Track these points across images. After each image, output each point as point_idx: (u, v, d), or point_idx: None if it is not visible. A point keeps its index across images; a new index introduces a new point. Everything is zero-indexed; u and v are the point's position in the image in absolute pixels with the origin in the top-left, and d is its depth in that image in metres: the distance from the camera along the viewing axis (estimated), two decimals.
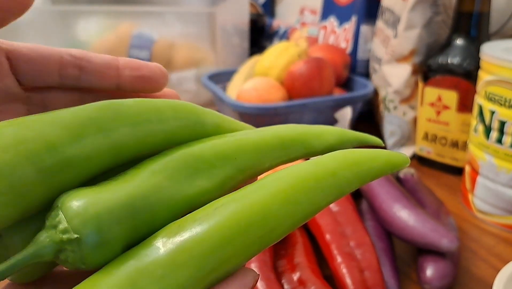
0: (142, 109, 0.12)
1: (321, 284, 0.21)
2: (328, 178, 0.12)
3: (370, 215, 0.29)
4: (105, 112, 0.11)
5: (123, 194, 0.10)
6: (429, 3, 0.38)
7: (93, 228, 0.09)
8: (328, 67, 0.43)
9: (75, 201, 0.09)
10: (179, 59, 0.53)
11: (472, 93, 0.35)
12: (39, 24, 0.55)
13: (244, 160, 0.12)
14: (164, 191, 0.11)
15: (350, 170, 0.12)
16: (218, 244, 0.10)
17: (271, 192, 0.11)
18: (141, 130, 0.11)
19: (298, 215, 0.11)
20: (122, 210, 0.10)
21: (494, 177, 0.31)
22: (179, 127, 0.12)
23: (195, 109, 0.14)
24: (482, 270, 0.27)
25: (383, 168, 0.13)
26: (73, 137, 0.10)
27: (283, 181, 0.11)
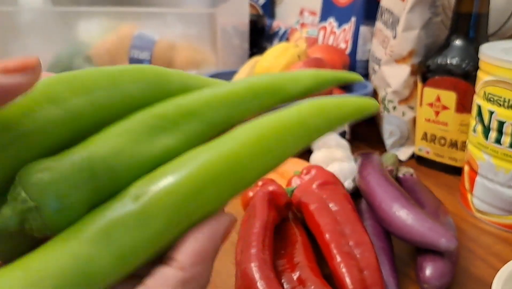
0: (95, 76, 0.11)
1: (321, 283, 0.21)
2: (297, 126, 0.12)
3: (369, 215, 0.29)
4: (57, 84, 0.11)
5: (79, 159, 0.10)
6: (428, 4, 0.38)
7: (50, 195, 0.09)
8: (327, 68, 0.43)
9: (32, 171, 0.10)
10: (179, 60, 0.53)
11: (471, 93, 0.35)
12: (40, 25, 0.55)
13: (213, 114, 0.12)
14: (124, 152, 0.11)
15: (319, 117, 0.12)
16: (189, 193, 0.10)
17: (240, 141, 0.11)
18: (96, 97, 0.11)
19: (269, 162, 0.11)
20: (80, 174, 0.10)
21: (493, 177, 0.31)
22: (138, 90, 0.12)
23: (158, 71, 0.13)
24: (480, 270, 0.27)
25: (351, 112, 0.13)
26: (24, 112, 0.10)
27: (252, 130, 0.11)
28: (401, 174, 0.35)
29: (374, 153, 0.35)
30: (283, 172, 0.36)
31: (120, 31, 0.54)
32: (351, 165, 0.35)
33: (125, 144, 0.11)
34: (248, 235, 0.24)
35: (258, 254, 0.22)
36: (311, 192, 0.28)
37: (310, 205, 0.27)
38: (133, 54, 0.53)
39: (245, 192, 0.31)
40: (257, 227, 0.24)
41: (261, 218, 0.25)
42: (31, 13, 0.54)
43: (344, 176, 0.34)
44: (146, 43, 0.53)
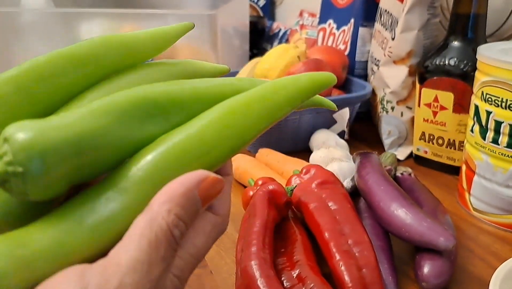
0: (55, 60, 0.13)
1: (320, 281, 0.22)
2: (257, 103, 0.13)
3: (368, 214, 0.30)
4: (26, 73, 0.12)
5: (70, 132, 0.10)
6: (427, 5, 0.38)
7: (38, 163, 0.09)
8: (327, 69, 0.44)
9: (22, 133, 0.09)
10: None
11: (468, 94, 0.36)
12: (41, 26, 0.55)
13: (198, 108, 0.13)
14: (112, 133, 0.11)
15: (278, 93, 0.13)
16: (164, 169, 0.11)
17: (207, 121, 0.12)
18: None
19: (234, 138, 0.12)
20: (68, 148, 0.10)
21: (491, 177, 0.31)
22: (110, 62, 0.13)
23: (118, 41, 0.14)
24: (478, 268, 0.27)
25: (310, 87, 0.14)
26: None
27: (216, 111, 0.12)
28: (400, 173, 0.35)
29: (373, 152, 0.35)
30: (283, 171, 0.37)
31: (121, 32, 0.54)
32: (350, 164, 0.35)
33: (114, 125, 0.11)
34: (248, 234, 0.24)
35: (258, 253, 0.23)
36: (310, 191, 0.28)
37: (309, 204, 0.27)
38: None
39: (245, 192, 0.31)
40: (257, 226, 0.25)
41: (261, 217, 0.25)
42: (33, 14, 0.55)
43: (343, 175, 0.34)
44: None
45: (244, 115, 0.13)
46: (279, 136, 0.43)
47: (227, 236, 0.31)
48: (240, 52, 0.61)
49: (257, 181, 0.31)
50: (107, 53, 0.14)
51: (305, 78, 0.14)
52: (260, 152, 0.41)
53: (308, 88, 0.14)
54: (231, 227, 0.32)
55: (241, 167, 0.38)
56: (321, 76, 0.15)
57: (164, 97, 0.12)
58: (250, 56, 0.66)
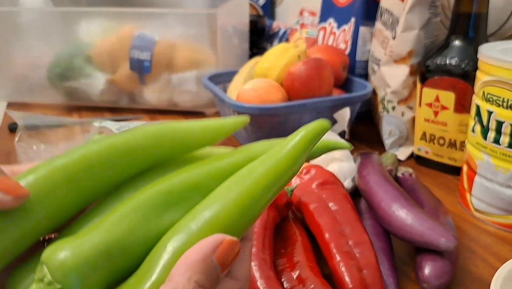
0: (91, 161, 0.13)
1: (320, 282, 0.22)
2: (266, 179, 0.14)
3: (368, 214, 0.30)
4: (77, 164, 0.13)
5: (97, 242, 0.11)
6: (428, 5, 0.38)
7: (73, 278, 0.11)
8: (327, 68, 0.44)
9: (56, 254, 0.11)
10: (180, 60, 0.53)
11: (469, 94, 0.35)
12: (40, 25, 0.55)
13: (212, 187, 0.14)
14: (136, 232, 0.12)
15: (283, 164, 0.14)
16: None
17: (222, 211, 0.13)
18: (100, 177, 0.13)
19: (248, 220, 0.13)
20: (98, 257, 0.11)
21: (492, 177, 0.31)
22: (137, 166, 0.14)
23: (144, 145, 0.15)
24: (480, 269, 0.27)
25: (307, 144, 0.14)
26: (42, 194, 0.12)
27: (231, 197, 0.13)
28: (400, 174, 0.35)
29: (373, 152, 0.35)
30: None
31: (121, 32, 0.54)
32: (350, 164, 0.35)
33: (136, 223, 0.12)
34: None
35: (258, 254, 0.23)
36: (310, 191, 0.28)
37: (309, 205, 0.27)
38: (134, 54, 0.53)
39: None
40: (257, 227, 0.24)
41: (261, 218, 0.25)
42: (31, 13, 0.54)
43: (343, 175, 0.34)
44: (146, 43, 0.53)
45: (257, 199, 0.13)
46: (280, 136, 0.43)
47: None
48: (240, 52, 0.61)
49: None
50: (160, 145, 0.14)
51: (301, 138, 0.14)
52: None
53: (307, 146, 0.14)
54: None
55: None
56: (315, 127, 0.15)
57: (179, 184, 0.13)
58: (250, 56, 0.66)
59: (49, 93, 0.58)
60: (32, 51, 0.56)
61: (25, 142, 0.38)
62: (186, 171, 0.14)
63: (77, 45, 0.55)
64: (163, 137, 0.14)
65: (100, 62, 0.55)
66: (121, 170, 0.14)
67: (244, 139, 0.46)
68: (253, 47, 0.69)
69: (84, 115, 0.56)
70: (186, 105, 0.56)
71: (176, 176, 0.13)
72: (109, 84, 0.56)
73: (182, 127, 0.15)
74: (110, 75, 0.55)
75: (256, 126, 0.42)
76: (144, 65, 0.53)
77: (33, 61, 0.57)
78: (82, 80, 0.56)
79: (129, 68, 0.54)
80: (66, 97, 0.58)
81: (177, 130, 0.15)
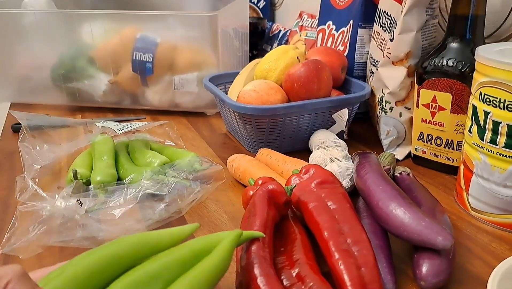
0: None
1: (319, 280, 0.22)
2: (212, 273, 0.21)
3: (366, 213, 0.30)
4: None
5: None
6: (425, 7, 0.39)
7: None
8: (326, 70, 0.44)
9: None
10: (181, 62, 0.54)
11: (466, 94, 0.36)
12: (44, 27, 0.55)
13: (171, 274, 0.20)
14: None
15: (224, 258, 0.21)
16: None
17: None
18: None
19: None
20: None
21: (489, 176, 0.31)
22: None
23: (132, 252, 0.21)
24: (477, 268, 0.28)
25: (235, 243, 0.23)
26: None
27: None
28: (398, 173, 0.35)
29: (371, 152, 0.35)
30: (282, 171, 0.37)
31: (123, 33, 0.54)
32: (349, 164, 0.35)
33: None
34: None
35: (258, 251, 0.23)
36: (310, 190, 0.28)
37: (309, 204, 0.27)
38: (136, 56, 0.53)
39: (245, 192, 0.31)
40: (257, 225, 0.25)
41: (261, 216, 0.26)
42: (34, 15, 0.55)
43: (342, 175, 0.35)
44: (148, 45, 0.53)
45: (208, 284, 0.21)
46: (279, 136, 0.43)
47: None
48: (240, 53, 0.62)
49: (257, 180, 0.31)
50: (140, 251, 0.21)
51: (230, 243, 0.22)
52: (260, 152, 0.41)
53: (233, 248, 0.22)
54: (232, 226, 0.32)
55: (241, 167, 0.38)
56: (236, 237, 0.23)
57: (143, 274, 0.19)
58: (250, 57, 0.67)
59: (52, 94, 0.59)
60: (36, 53, 0.57)
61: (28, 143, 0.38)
62: (149, 263, 0.20)
63: (80, 46, 0.56)
64: (141, 245, 0.21)
65: (103, 63, 0.56)
66: (113, 272, 0.19)
67: (244, 140, 0.46)
68: (253, 49, 0.69)
69: (87, 116, 0.57)
70: (188, 106, 0.56)
71: (141, 268, 0.20)
72: (111, 85, 0.56)
73: (154, 236, 0.22)
74: (113, 76, 0.56)
75: (256, 126, 0.43)
76: (146, 66, 0.53)
77: (37, 62, 0.57)
78: (85, 81, 0.57)
79: (131, 70, 0.54)
80: (69, 98, 0.59)
81: (151, 240, 0.21)
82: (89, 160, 0.38)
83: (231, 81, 0.51)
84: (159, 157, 0.37)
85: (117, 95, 0.57)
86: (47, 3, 0.63)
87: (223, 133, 0.51)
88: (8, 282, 0.15)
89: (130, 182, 0.34)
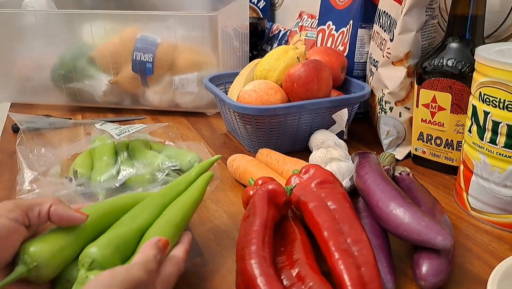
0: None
1: (319, 280, 0.22)
2: (189, 209, 0.28)
3: (366, 213, 0.30)
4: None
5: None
6: (425, 7, 0.39)
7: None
8: (326, 70, 0.44)
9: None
10: (181, 62, 0.54)
11: (466, 94, 0.36)
12: (44, 27, 0.56)
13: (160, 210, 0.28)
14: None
15: (195, 195, 0.29)
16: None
17: (170, 223, 0.26)
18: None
19: (180, 230, 0.27)
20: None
21: (488, 176, 0.31)
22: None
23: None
24: (476, 267, 0.28)
25: (203, 185, 0.30)
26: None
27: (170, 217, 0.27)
28: (398, 173, 0.35)
29: (371, 152, 0.35)
30: (282, 171, 0.37)
31: (123, 34, 0.54)
32: (349, 164, 0.36)
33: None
34: (248, 233, 0.24)
35: (258, 251, 0.23)
36: (309, 190, 0.28)
37: (308, 203, 0.27)
38: (136, 56, 0.54)
39: (245, 191, 0.31)
40: (257, 225, 0.25)
41: (261, 216, 0.26)
42: (35, 15, 0.55)
43: (342, 175, 0.35)
44: (148, 45, 0.53)
45: (184, 221, 0.27)
46: (279, 136, 0.44)
47: (227, 235, 0.31)
48: (240, 53, 0.62)
49: (257, 180, 0.31)
50: (134, 203, 0.28)
51: (203, 181, 0.30)
52: (260, 152, 0.41)
53: (206, 185, 0.30)
54: (232, 226, 0.32)
55: (241, 167, 0.38)
56: (208, 175, 0.30)
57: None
58: (250, 57, 0.67)
59: (52, 94, 0.59)
60: (36, 53, 0.57)
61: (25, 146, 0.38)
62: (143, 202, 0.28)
63: (81, 47, 0.56)
64: (134, 199, 0.28)
65: (103, 63, 0.56)
66: (115, 215, 0.26)
67: (244, 140, 0.46)
68: (253, 49, 0.69)
69: (87, 116, 0.57)
70: (188, 106, 0.56)
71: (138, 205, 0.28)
72: (111, 85, 0.56)
73: (144, 195, 0.29)
74: (113, 76, 0.56)
75: (256, 126, 0.43)
76: (146, 66, 0.53)
77: (37, 62, 0.57)
78: (85, 82, 0.57)
79: (132, 70, 0.54)
80: (70, 98, 0.59)
81: (140, 196, 0.28)
82: (89, 160, 0.38)
83: (231, 81, 0.51)
84: (160, 157, 0.37)
85: (117, 95, 0.57)
86: (47, 3, 0.63)
87: (223, 133, 0.51)
88: (51, 205, 0.23)
89: (130, 182, 0.34)
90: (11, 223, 0.21)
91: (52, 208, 0.22)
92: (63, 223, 0.23)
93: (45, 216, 0.22)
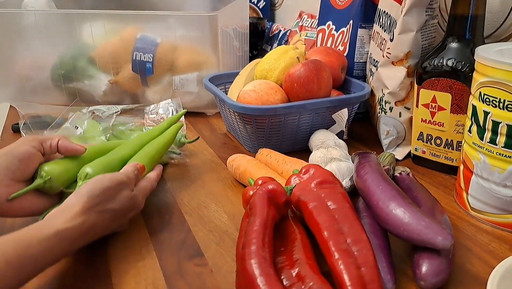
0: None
1: (319, 280, 0.22)
2: (162, 148, 0.38)
3: (366, 213, 0.30)
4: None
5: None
6: (425, 7, 0.39)
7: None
8: (326, 70, 0.44)
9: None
10: (181, 62, 0.54)
11: (466, 94, 0.36)
12: (44, 27, 0.56)
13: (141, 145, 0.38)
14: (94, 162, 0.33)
15: (167, 140, 0.39)
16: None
17: (147, 156, 0.36)
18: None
19: (155, 161, 0.37)
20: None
21: (488, 176, 0.31)
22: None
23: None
24: (476, 267, 0.28)
25: (173, 132, 0.40)
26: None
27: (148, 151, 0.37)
28: (398, 173, 0.35)
29: (371, 152, 0.35)
30: (282, 171, 0.37)
31: (123, 34, 0.54)
32: (348, 164, 0.36)
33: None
34: (248, 233, 0.24)
35: (258, 251, 0.23)
36: (309, 190, 0.28)
37: (308, 203, 0.27)
38: (136, 56, 0.54)
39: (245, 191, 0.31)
40: (257, 225, 0.25)
41: (261, 216, 0.26)
42: (35, 15, 0.55)
43: (342, 175, 0.35)
44: (148, 45, 0.53)
45: (159, 154, 0.37)
46: (279, 136, 0.44)
47: (227, 235, 0.31)
48: (240, 53, 0.62)
49: (257, 180, 0.31)
50: (116, 144, 0.37)
51: (174, 129, 0.39)
52: (260, 152, 0.41)
53: (176, 132, 0.40)
54: (232, 226, 0.32)
55: (241, 167, 0.38)
56: (178, 125, 0.40)
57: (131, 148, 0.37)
58: (250, 57, 0.67)
59: (52, 94, 0.59)
60: (36, 53, 0.57)
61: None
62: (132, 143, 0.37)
63: (80, 46, 0.56)
64: (120, 142, 0.37)
65: (103, 63, 0.56)
66: (105, 151, 0.35)
67: (244, 140, 0.46)
68: (253, 49, 0.69)
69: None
70: (187, 106, 0.56)
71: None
72: (111, 85, 0.56)
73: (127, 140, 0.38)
74: (113, 76, 0.56)
75: (256, 126, 0.43)
76: (146, 66, 0.53)
77: (37, 62, 0.57)
78: (85, 82, 0.57)
79: (132, 70, 0.54)
80: (69, 98, 0.59)
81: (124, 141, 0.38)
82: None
83: (231, 81, 0.51)
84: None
85: (117, 95, 0.57)
86: (47, 3, 0.63)
87: (223, 133, 0.51)
88: (59, 139, 0.31)
89: None
90: (33, 149, 0.29)
91: (60, 141, 0.31)
92: (68, 153, 0.32)
93: (55, 147, 0.31)
